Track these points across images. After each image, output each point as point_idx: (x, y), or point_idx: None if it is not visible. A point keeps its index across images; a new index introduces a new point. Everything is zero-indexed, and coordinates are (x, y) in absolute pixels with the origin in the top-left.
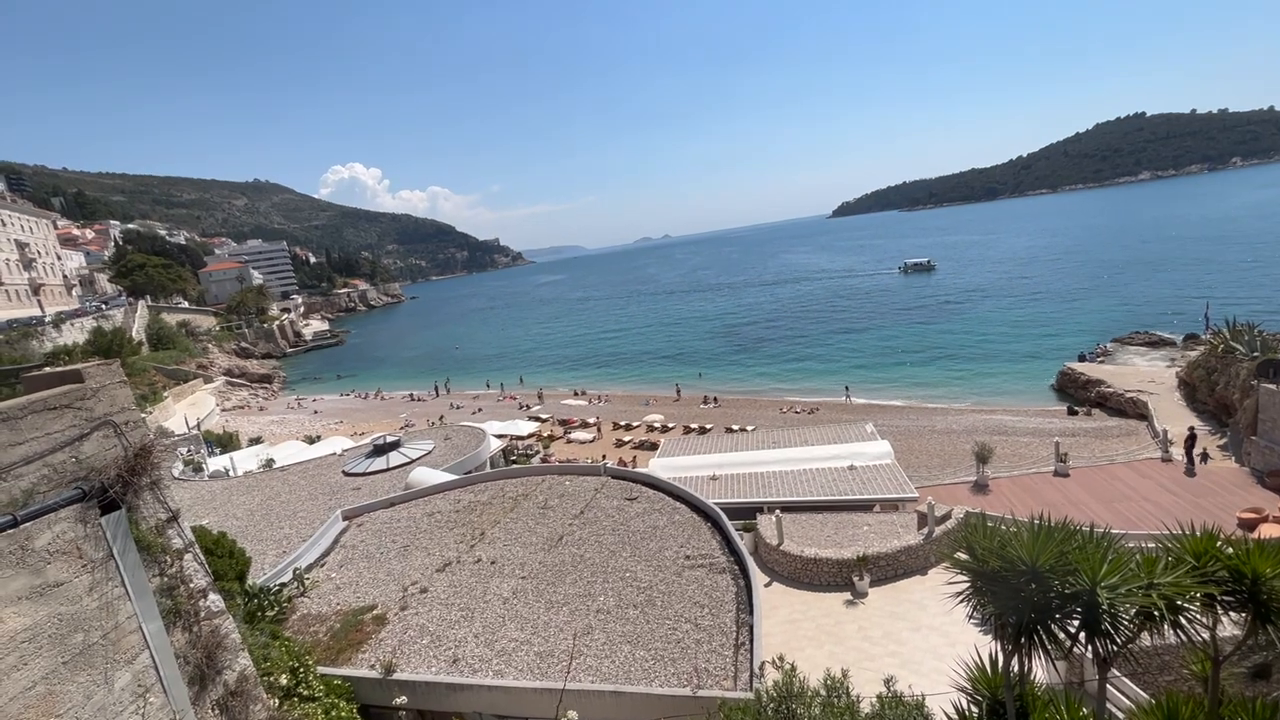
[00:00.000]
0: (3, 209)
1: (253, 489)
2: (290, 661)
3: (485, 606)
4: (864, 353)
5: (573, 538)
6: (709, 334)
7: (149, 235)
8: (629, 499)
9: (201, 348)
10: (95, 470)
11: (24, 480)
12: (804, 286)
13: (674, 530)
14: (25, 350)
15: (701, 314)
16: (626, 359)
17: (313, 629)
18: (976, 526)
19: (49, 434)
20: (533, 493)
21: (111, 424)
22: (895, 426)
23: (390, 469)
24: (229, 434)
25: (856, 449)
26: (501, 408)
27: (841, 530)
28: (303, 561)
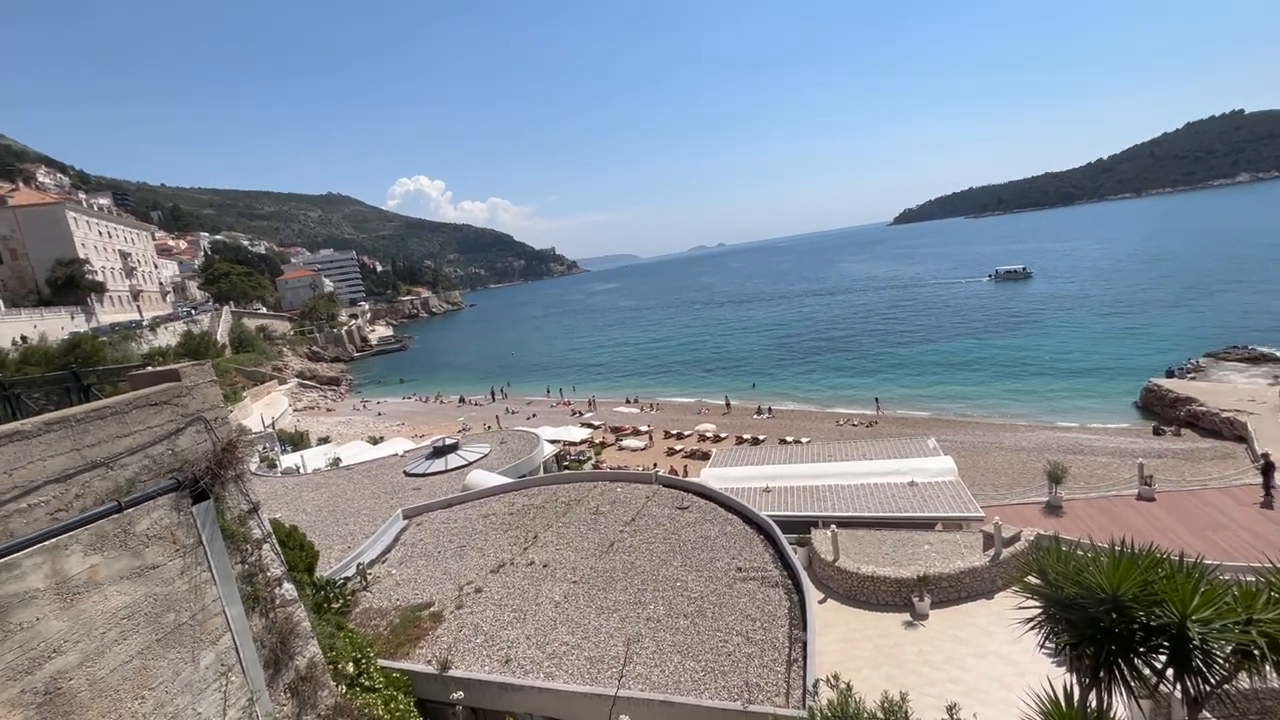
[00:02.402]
0: (110, 222)
1: (321, 486)
2: (354, 653)
3: (537, 609)
4: (925, 364)
5: (624, 545)
6: (762, 344)
7: (233, 245)
8: (680, 508)
9: (277, 351)
10: (188, 462)
11: (128, 469)
12: (862, 296)
13: (725, 541)
14: (125, 351)
15: (755, 324)
16: (678, 368)
17: (374, 623)
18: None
19: (150, 428)
20: (585, 498)
21: (203, 420)
22: (959, 442)
23: (448, 470)
24: (300, 433)
25: (917, 464)
26: (555, 413)
27: (900, 548)
28: (366, 557)
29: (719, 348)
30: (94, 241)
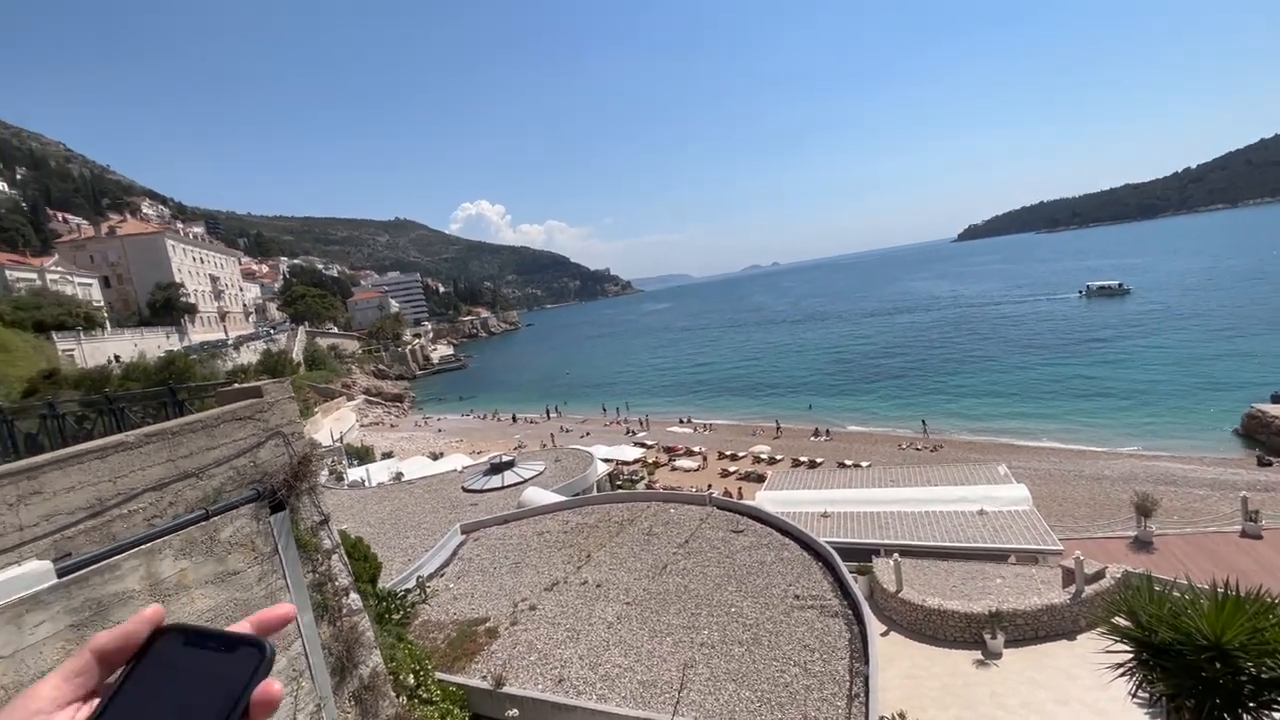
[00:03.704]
0: (202, 249)
1: (384, 499)
2: (413, 664)
3: (590, 629)
4: (995, 386)
5: (677, 567)
6: (819, 365)
7: (309, 269)
8: (735, 531)
9: (346, 369)
10: (267, 474)
11: (215, 480)
12: (925, 315)
13: (782, 567)
14: (212, 368)
15: (811, 344)
16: (732, 388)
17: (432, 635)
18: (1140, 589)
19: (235, 441)
20: (638, 518)
21: (281, 434)
22: (1033, 469)
23: (505, 487)
24: (366, 447)
25: (987, 492)
26: (608, 432)
27: (970, 581)
28: (425, 570)
29: (773, 368)
30: (188, 267)
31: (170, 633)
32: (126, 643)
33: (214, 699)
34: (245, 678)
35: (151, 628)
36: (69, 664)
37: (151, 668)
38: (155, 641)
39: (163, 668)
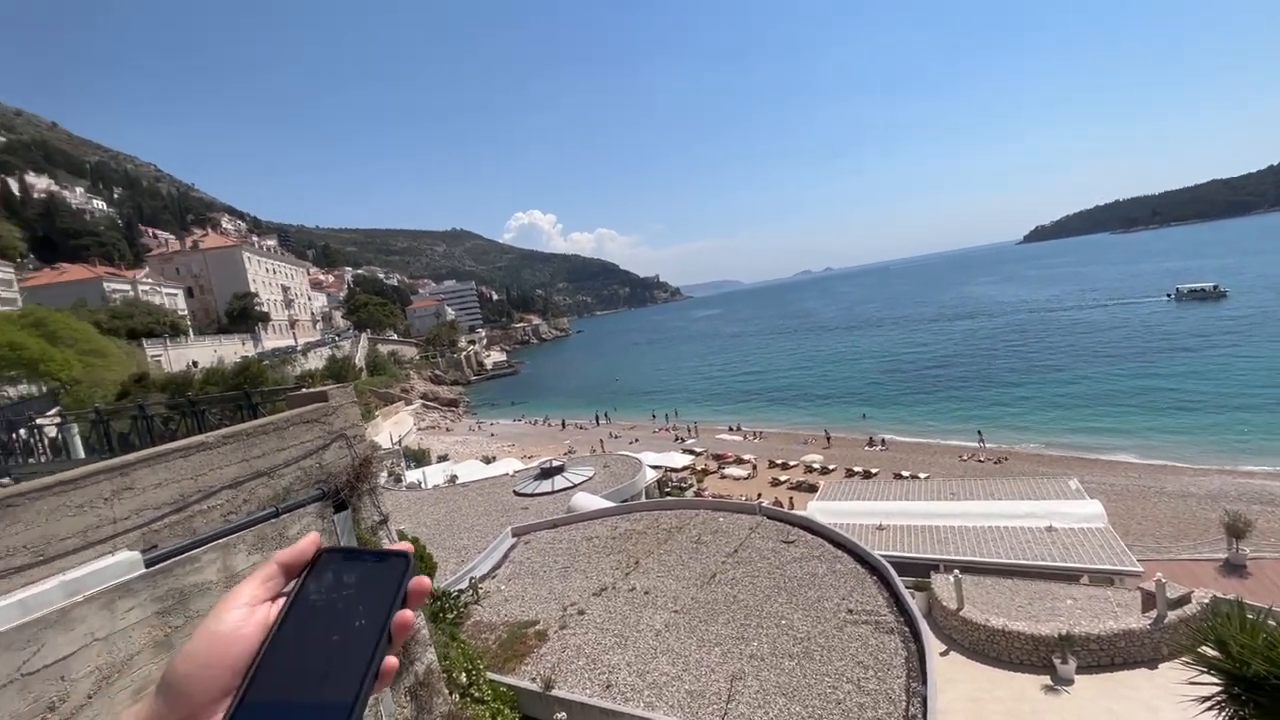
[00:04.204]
0: (275, 260)
1: (439, 501)
2: (465, 664)
3: (638, 636)
4: (1066, 396)
5: (726, 576)
6: (873, 372)
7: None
8: (785, 542)
9: (405, 374)
10: (331, 475)
11: (284, 479)
12: (986, 322)
13: (834, 580)
14: (283, 373)
15: (864, 350)
16: (783, 396)
17: (484, 636)
18: (1231, 617)
19: (302, 443)
20: (686, 526)
21: (345, 437)
22: (1108, 485)
23: (555, 492)
24: (422, 450)
25: (1057, 507)
26: (657, 439)
27: (1037, 601)
28: (477, 572)
29: (825, 376)
30: (262, 278)
31: (330, 551)
32: (300, 557)
33: (379, 593)
34: (399, 576)
35: (316, 547)
36: (261, 570)
37: (321, 575)
38: (320, 558)
39: (330, 576)
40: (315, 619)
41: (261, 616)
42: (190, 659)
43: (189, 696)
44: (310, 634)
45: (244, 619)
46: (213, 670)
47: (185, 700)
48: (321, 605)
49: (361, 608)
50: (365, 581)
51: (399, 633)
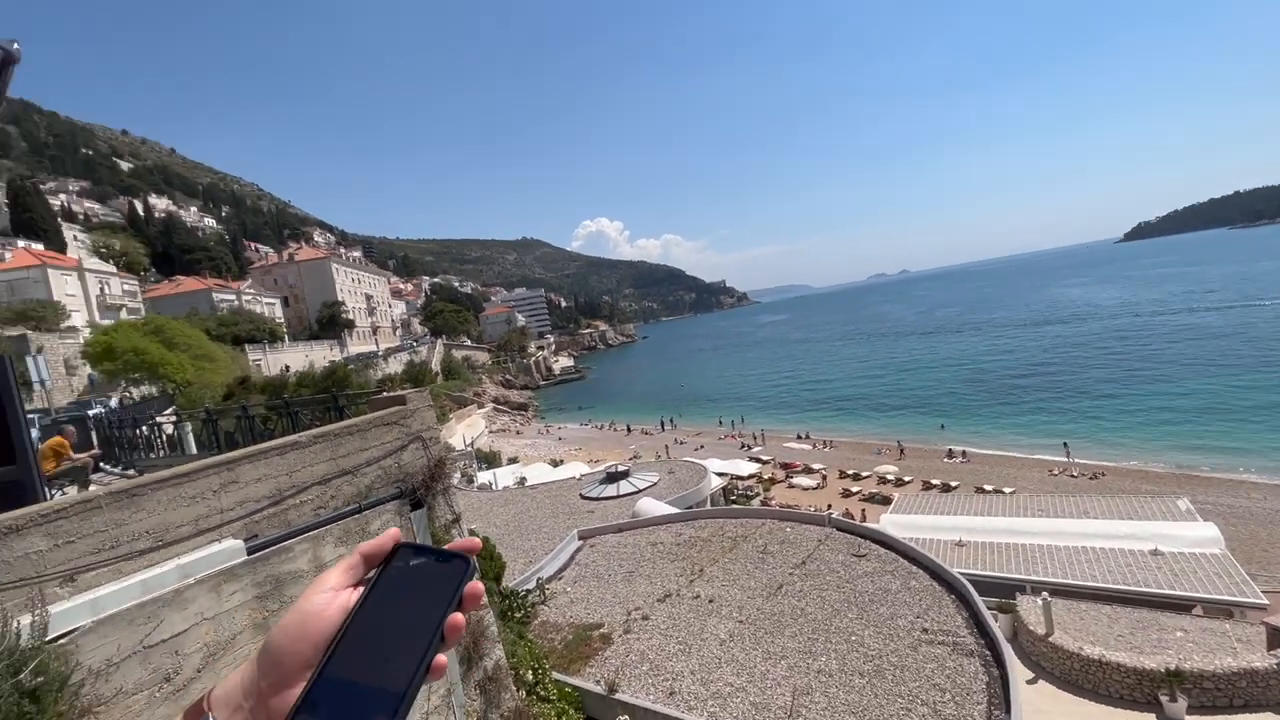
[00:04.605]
0: (360, 270)
1: (509, 502)
2: (532, 662)
3: (702, 644)
4: (1172, 408)
5: (793, 588)
6: (951, 380)
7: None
8: (856, 555)
9: (477, 378)
10: (409, 475)
11: (366, 478)
12: (1080, 327)
13: (908, 597)
14: (366, 377)
15: (942, 357)
16: (854, 404)
17: (550, 636)
18: None
19: (383, 444)
20: (752, 535)
21: (421, 439)
22: (1225, 506)
23: (620, 496)
24: (493, 453)
25: (1163, 529)
26: (723, 446)
27: (1140, 631)
28: (544, 573)
29: (899, 383)
30: (348, 287)
31: (405, 547)
32: (380, 549)
33: (439, 592)
34: (459, 579)
35: (394, 542)
36: (346, 560)
37: (394, 569)
38: (396, 552)
39: (402, 570)
40: (385, 609)
41: (344, 600)
42: (284, 632)
43: (280, 665)
44: (380, 622)
45: (328, 602)
46: (300, 644)
47: (277, 668)
48: (391, 597)
49: (423, 605)
50: (430, 579)
51: (450, 634)
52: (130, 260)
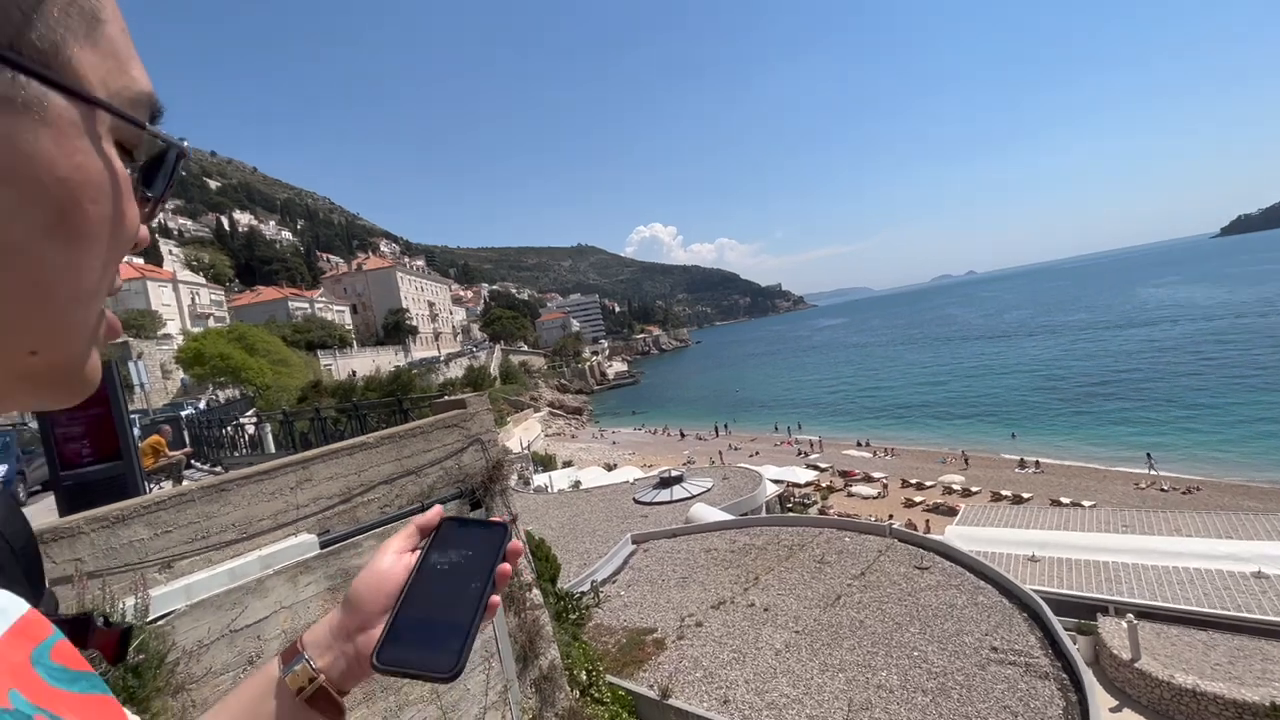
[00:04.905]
0: (422, 278)
1: (564, 505)
2: (586, 664)
3: (757, 653)
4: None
5: (852, 600)
6: (1023, 386)
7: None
8: (919, 567)
9: (533, 383)
10: (468, 475)
11: (429, 478)
12: (1170, 329)
13: (976, 613)
14: (428, 381)
15: (1013, 362)
16: (917, 411)
17: (603, 639)
18: None
19: (444, 445)
20: (809, 544)
21: (480, 442)
22: None
23: (673, 501)
24: (549, 456)
25: (1270, 550)
26: (779, 453)
27: (1240, 660)
28: (598, 576)
29: (966, 390)
30: (412, 295)
31: (451, 520)
32: (430, 523)
33: (485, 550)
34: (500, 538)
35: (440, 516)
36: (405, 530)
37: (444, 535)
38: (443, 525)
39: (449, 538)
40: (442, 566)
41: (407, 561)
42: (363, 584)
43: (362, 610)
44: (440, 575)
45: (394, 562)
46: (377, 595)
47: (359, 613)
48: (446, 557)
49: (474, 559)
50: (477, 542)
51: (500, 580)
52: (217, 272)
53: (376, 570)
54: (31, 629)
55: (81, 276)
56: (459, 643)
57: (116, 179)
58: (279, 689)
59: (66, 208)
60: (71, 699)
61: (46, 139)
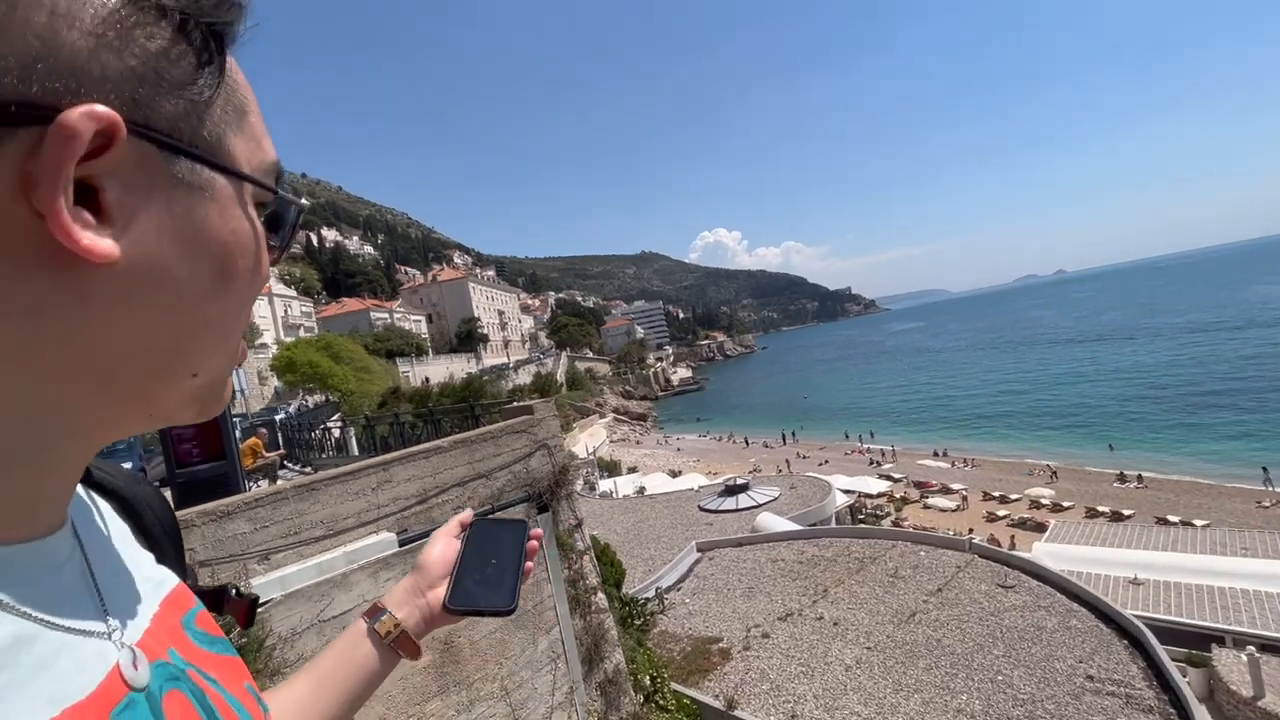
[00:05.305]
0: (493, 288)
1: (628, 511)
2: (650, 669)
3: (826, 668)
4: None
5: (928, 617)
6: (1120, 393)
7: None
8: (1003, 586)
9: (598, 389)
10: (536, 480)
11: (498, 482)
12: None
13: (1068, 637)
14: (498, 388)
15: (1111, 369)
16: (1000, 420)
17: (668, 646)
18: None
19: (513, 450)
20: (881, 557)
21: (546, 447)
22: None
23: (739, 510)
24: (614, 461)
25: None
26: (849, 461)
27: None
28: (663, 583)
29: (1055, 398)
30: (483, 304)
31: (484, 518)
32: (467, 519)
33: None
34: (524, 536)
35: (474, 516)
36: (450, 524)
37: (481, 526)
38: (477, 522)
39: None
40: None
41: (456, 545)
42: (429, 556)
43: (431, 571)
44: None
45: (448, 544)
46: (440, 562)
47: (428, 574)
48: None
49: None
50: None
51: (530, 553)
52: (306, 285)
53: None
54: (181, 599)
55: (232, 314)
56: (511, 585)
57: (258, 236)
58: (370, 635)
59: (225, 263)
60: (212, 658)
61: (214, 211)
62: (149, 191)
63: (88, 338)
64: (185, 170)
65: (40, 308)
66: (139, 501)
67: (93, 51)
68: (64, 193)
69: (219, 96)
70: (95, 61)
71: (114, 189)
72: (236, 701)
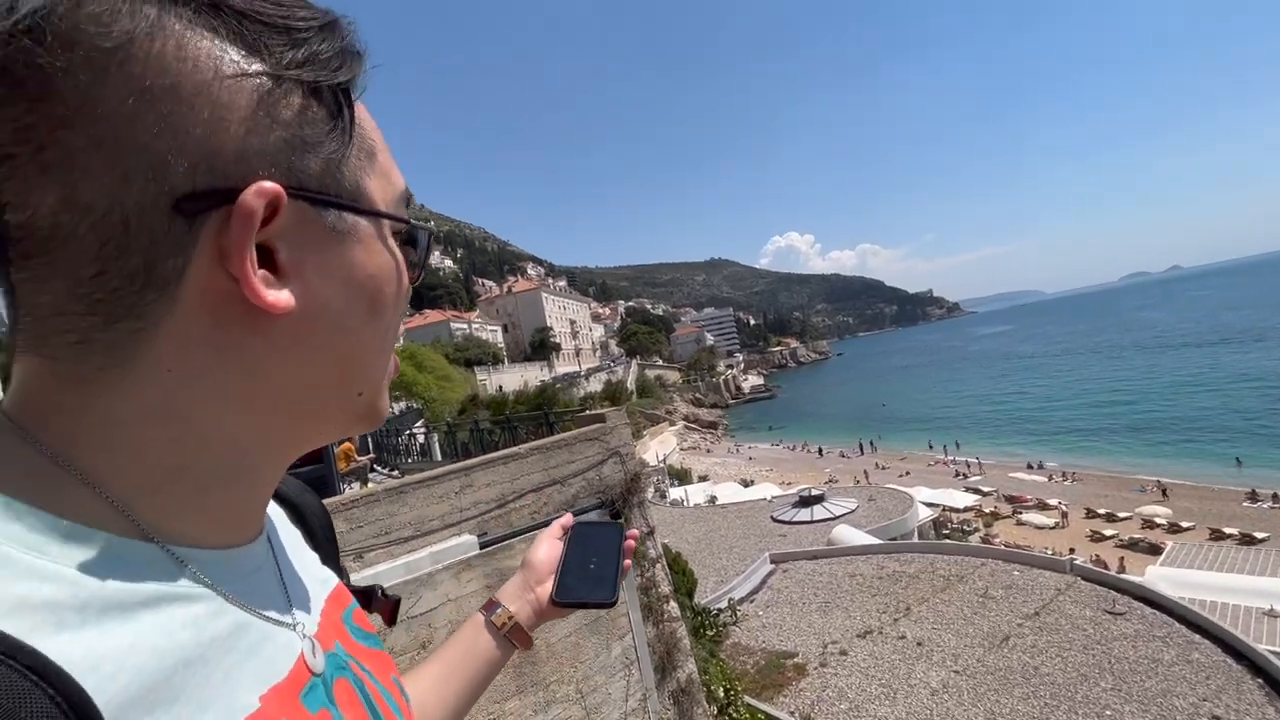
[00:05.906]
0: (564, 298)
1: (699, 520)
2: (724, 681)
3: (909, 691)
4: None
5: (1023, 642)
6: (1246, 403)
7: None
8: (1111, 612)
9: (668, 397)
10: (608, 487)
11: (572, 488)
12: None
13: (1189, 672)
14: (570, 395)
15: (1236, 374)
16: (1105, 430)
17: (741, 659)
18: None
19: (586, 457)
20: (969, 575)
21: (618, 454)
22: None
23: (814, 521)
24: (684, 469)
25: None
26: (933, 473)
27: None
28: (736, 594)
29: (1170, 407)
30: (555, 314)
31: (583, 520)
32: (568, 522)
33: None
34: (620, 536)
35: (572, 519)
36: (553, 526)
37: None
38: (578, 524)
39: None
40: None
41: (560, 546)
42: (536, 555)
43: (538, 570)
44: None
45: (552, 545)
46: (546, 561)
47: (536, 571)
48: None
49: (606, 539)
50: (604, 529)
51: (628, 551)
52: None
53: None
54: (341, 597)
55: (385, 336)
56: (611, 580)
57: (399, 264)
58: (488, 627)
59: (375, 295)
60: (367, 651)
61: (360, 251)
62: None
63: (276, 373)
64: (334, 219)
65: (240, 353)
66: (306, 508)
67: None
68: (250, 260)
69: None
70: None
71: (284, 248)
72: (387, 691)
